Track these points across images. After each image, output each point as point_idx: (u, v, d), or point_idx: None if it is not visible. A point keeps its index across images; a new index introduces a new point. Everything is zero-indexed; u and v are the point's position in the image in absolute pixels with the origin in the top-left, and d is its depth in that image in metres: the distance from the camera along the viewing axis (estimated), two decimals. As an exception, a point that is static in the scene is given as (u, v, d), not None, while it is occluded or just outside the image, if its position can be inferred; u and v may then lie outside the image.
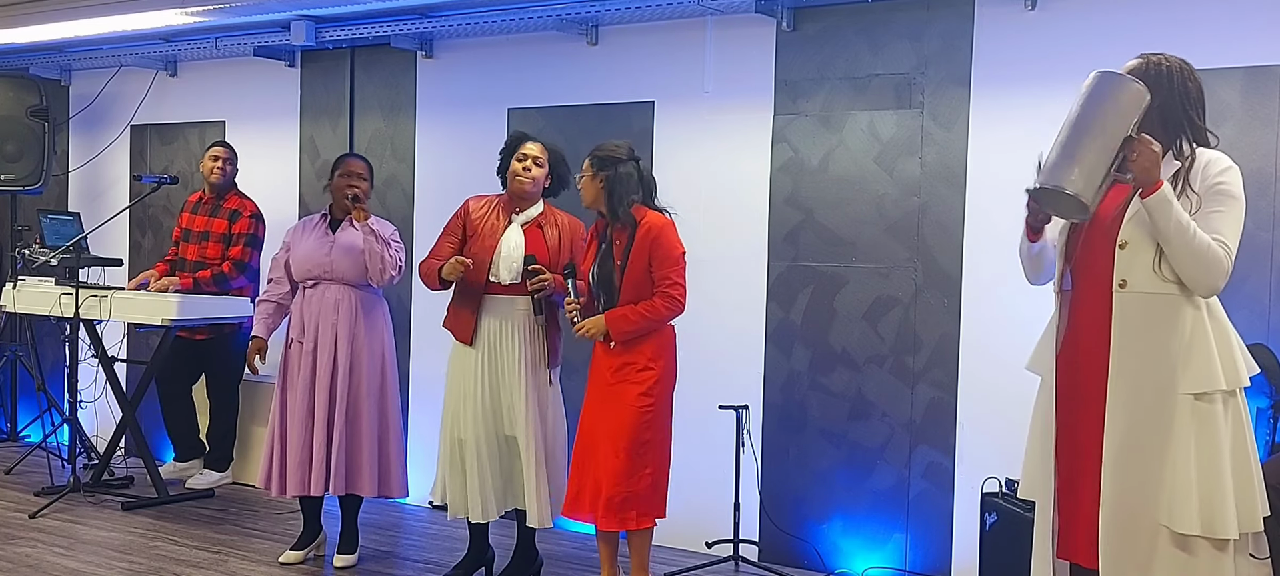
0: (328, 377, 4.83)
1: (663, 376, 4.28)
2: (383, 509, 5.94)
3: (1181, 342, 2.99)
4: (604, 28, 5.69)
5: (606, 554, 4.40)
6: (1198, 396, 2.98)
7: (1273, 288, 4.29)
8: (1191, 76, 3.10)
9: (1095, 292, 3.10)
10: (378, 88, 6.43)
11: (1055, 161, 2.93)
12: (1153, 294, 3.01)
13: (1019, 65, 4.72)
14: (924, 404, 4.92)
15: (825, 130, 5.13)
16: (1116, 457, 3.03)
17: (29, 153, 7.08)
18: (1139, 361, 3.02)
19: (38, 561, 4.95)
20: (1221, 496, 2.97)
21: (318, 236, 4.93)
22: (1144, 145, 2.92)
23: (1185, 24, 4.41)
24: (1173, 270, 2.98)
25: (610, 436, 4.23)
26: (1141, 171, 2.92)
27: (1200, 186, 3.01)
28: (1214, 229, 2.97)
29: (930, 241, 4.89)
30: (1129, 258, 3.03)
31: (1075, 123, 2.94)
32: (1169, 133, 3.06)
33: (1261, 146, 4.29)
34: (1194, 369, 2.98)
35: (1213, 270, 2.95)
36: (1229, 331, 3.06)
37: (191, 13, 5.93)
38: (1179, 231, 2.92)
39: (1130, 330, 3.03)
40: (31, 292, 6.23)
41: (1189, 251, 2.93)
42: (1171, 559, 2.99)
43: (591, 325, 4.26)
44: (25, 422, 7.62)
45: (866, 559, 5.03)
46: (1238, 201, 3.02)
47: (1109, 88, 2.95)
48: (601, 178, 4.26)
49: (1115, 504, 3.03)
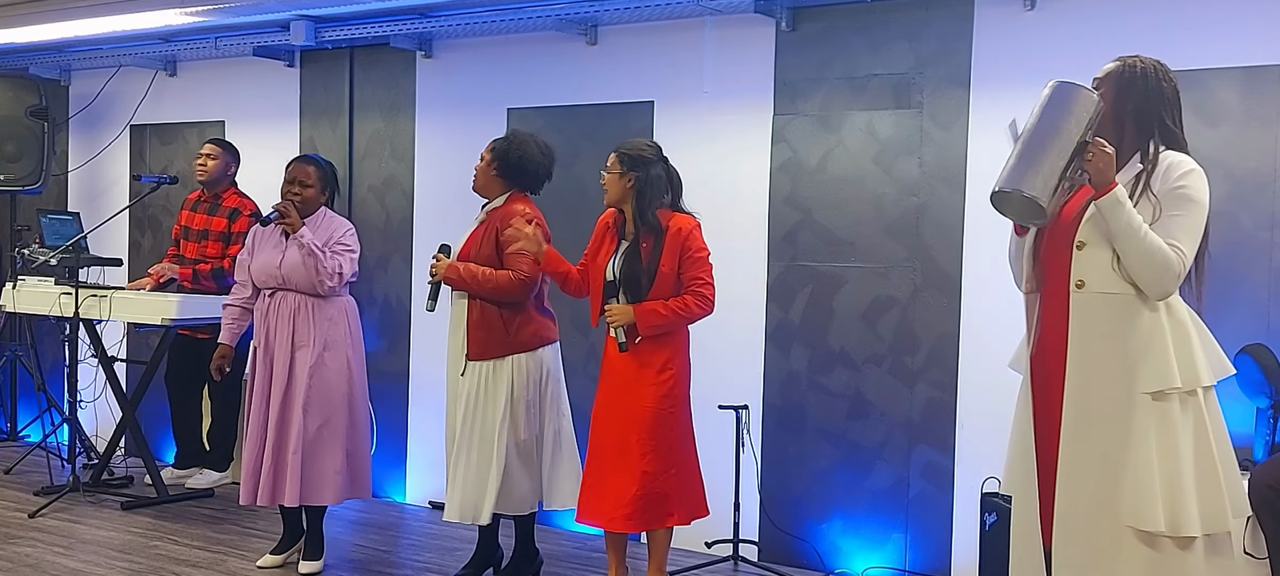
0: (283, 387, 4.77)
1: (680, 376, 4.29)
2: (383, 509, 5.95)
3: (1139, 342, 3.02)
4: (603, 28, 5.69)
5: (615, 555, 4.40)
6: (1155, 395, 3.00)
7: (1273, 287, 4.29)
8: (1166, 78, 3.13)
9: (1059, 293, 3.14)
10: (377, 88, 6.44)
11: (1013, 167, 3.00)
12: (1110, 294, 3.05)
13: (1018, 65, 4.72)
14: (923, 403, 4.92)
15: (824, 130, 5.13)
16: (1071, 457, 3.07)
17: (29, 153, 7.08)
18: (1096, 360, 3.06)
19: (37, 561, 4.96)
20: (1183, 495, 2.98)
21: (272, 245, 4.85)
22: (1098, 148, 2.98)
23: (1185, 24, 4.41)
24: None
25: (631, 437, 4.21)
26: (1097, 173, 2.98)
27: (1161, 189, 3.03)
28: (1170, 233, 3.00)
29: (929, 241, 4.90)
30: (1086, 258, 3.07)
31: (1033, 130, 3.02)
32: (1141, 134, 3.11)
33: (1260, 146, 4.29)
34: (1150, 368, 3.01)
35: (1163, 273, 2.98)
36: (1189, 331, 3.07)
37: (191, 13, 5.93)
38: (1129, 233, 2.96)
39: (1087, 330, 3.08)
40: (31, 292, 6.23)
41: (1139, 253, 2.97)
42: (1137, 558, 3.01)
43: (619, 314, 4.22)
44: (25, 422, 7.62)
45: (866, 558, 5.03)
46: (1198, 205, 3.04)
47: (1065, 96, 3.03)
48: (631, 178, 4.25)
49: (1070, 503, 3.07)
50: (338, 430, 4.81)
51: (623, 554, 4.40)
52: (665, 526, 4.28)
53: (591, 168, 5.04)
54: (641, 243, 4.24)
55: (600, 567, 4.91)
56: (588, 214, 4.46)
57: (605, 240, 4.37)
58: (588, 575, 4.99)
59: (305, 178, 4.83)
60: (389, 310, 6.38)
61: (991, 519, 4.40)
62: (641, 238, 4.25)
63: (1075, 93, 3.02)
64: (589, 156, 5.44)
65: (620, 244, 4.31)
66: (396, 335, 6.36)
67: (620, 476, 4.22)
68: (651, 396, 4.22)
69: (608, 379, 4.34)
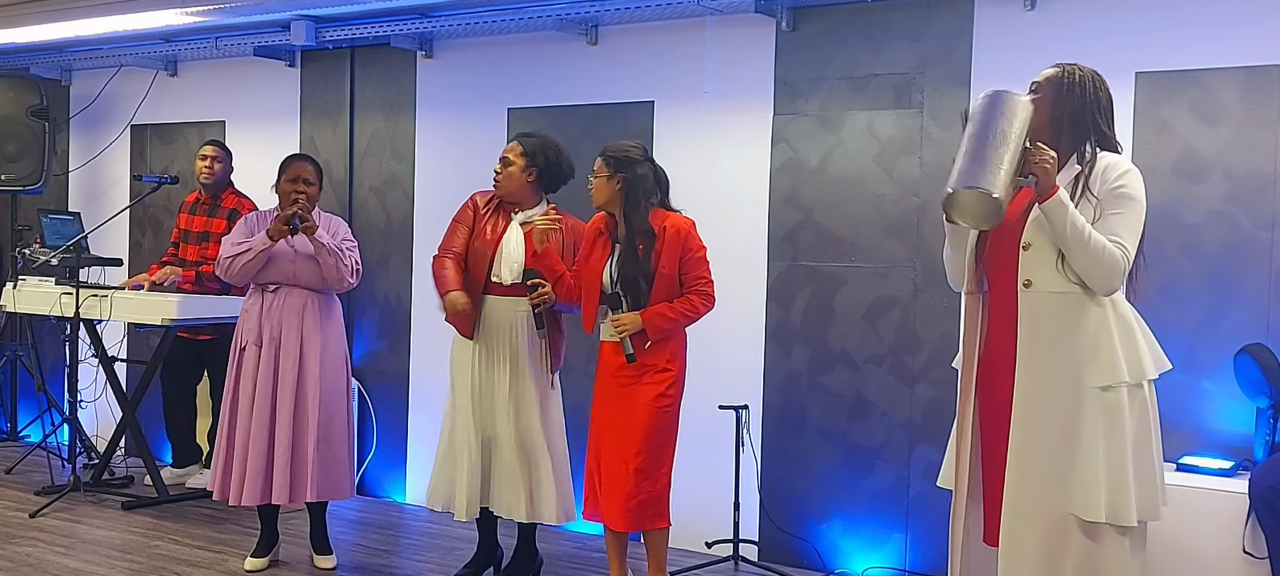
0: (292, 384, 4.73)
1: (678, 377, 4.29)
2: (383, 509, 5.95)
3: (1087, 339, 3.12)
4: (604, 28, 5.69)
5: (616, 554, 4.40)
6: (1104, 389, 3.10)
7: (1272, 287, 4.29)
8: (1102, 87, 3.27)
9: (1004, 293, 3.24)
10: (378, 88, 6.44)
11: (968, 168, 3.06)
12: (1057, 293, 3.15)
13: (1018, 65, 4.70)
14: (923, 403, 4.92)
15: (824, 130, 5.13)
16: (1021, 450, 3.16)
17: (29, 153, 7.08)
18: (1044, 358, 3.15)
19: (38, 561, 4.96)
20: (1125, 486, 3.09)
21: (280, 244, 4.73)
22: (1042, 153, 3.09)
23: (1185, 24, 4.41)
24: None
25: (631, 437, 4.21)
26: (1043, 175, 3.08)
27: (1100, 189, 3.14)
28: (1112, 230, 3.10)
29: (929, 241, 4.89)
30: (1033, 258, 3.17)
31: (978, 134, 3.09)
32: (1076, 138, 3.22)
33: (1261, 146, 4.29)
34: (1099, 363, 3.11)
35: (1109, 270, 3.08)
36: (1133, 327, 3.18)
37: (191, 13, 5.93)
38: (1074, 233, 3.06)
39: (1036, 328, 3.17)
40: (31, 292, 6.23)
41: (1085, 253, 3.06)
42: (1079, 546, 3.12)
43: (629, 321, 4.20)
44: (25, 422, 7.62)
45: (866, 558, 5.03)
46: (1136, 203, 3.14)
47: (1006, 102, 3.12)
48: (619, 179, 4.24)
49: (1018, 494, 3.16)
50: (345, 425, 4.86)
51: (623, 553, 4.40)
52: (659, 527, 4.28)
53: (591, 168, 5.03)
54: (635, 244, 4.23)
55: (600, 568, 4.91)
56: (588, 214, 4.46)
57: (596, 247, 4.34)
58: (588, 575, 4.99)
59: (308, 176, 4.79)
60: (389, 310, 6.38)
61: (992, 519, 4.40)
62: (635, 239, 4.24)
63: (1016, 99, 3.13)
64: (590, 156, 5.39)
65: (614, 249, 4.30)
66: (397, 335, 6.36)
67: (618, 475, 4.23)
68: (650, 394, 4.22)
69: (606, 378, 4.34)
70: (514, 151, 4.59)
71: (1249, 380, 4.10)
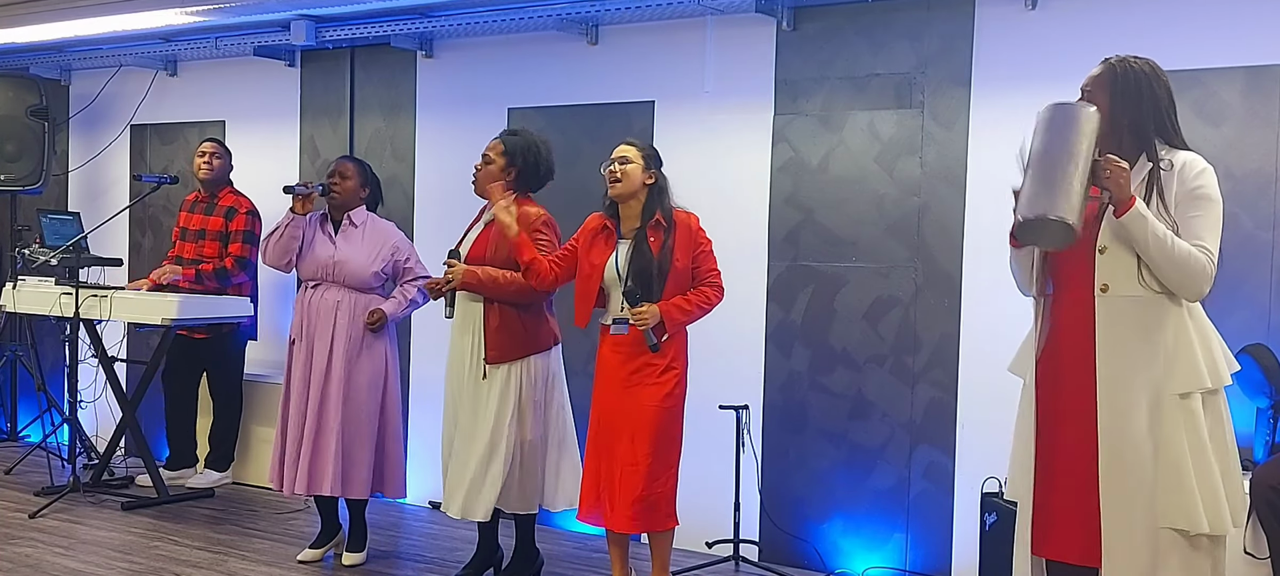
0: (321, 379, 4.86)
1: (682, 376, 4.28)
2: (383, 509, 5.94)
3: (1166, 344, 3.04)
4: (604, 27, 5.69)
5: (618, 554, 4.39)
6: (1183, 396, 3.03)
7: (1273, 287, 4.29)
8: (1161, 78, 3.12)
9: (1075, 297, 3.13)
10: (378, 87, 6.43)
11: (1036, 193, 2.94)
12: (1135, 297, 3.05)
13: (1019, 65, 4.72)
14: (924, 404, 4.92)
15: (825, 130, 5.13)
16: (1111, 461, 3.06)
17: (29, 152, 7.08)
18: (1125, 364, 3.06)
19: (38, 561, 4.95)
20: (1216, 494, 3.02)
21: (321, 239, 4.95)
22: (1114, 165, 2.97)
23: (1185, 24, 4.41)
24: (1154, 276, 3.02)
25: (635, 438, 4.20)
26: (1117, 189, 2.97)
27: (1178, 190, 3.04)
28: (1194, 234, 3.01)
29: (930, 241, 4.89)
30: (1109, 262, 3.07)
31: (1044, 154, 2.97)
32: (1140, 139, 3.09)
33: (1261, 146, 4.29)
34: (1180, 369, 3.03)
35: (1197, 277, 3.00)
36: (1209, 331, 3.11)
37: (191, 12, 5.93)
38: (1157, 244, 2.97)
39: (1114, 333, 3.07)
40: (31, 292, 6.22)
41: (1170, 262, 2.98)
42: (1181, 558, 3.04)
43: (650, 314, 4.17)
44: (25, 422, 7.62)
45: (866, 559, 5.03)
46: (1215, 203, 3.06)
47: (1068, 115, 2.99)
48: (652, 175, 4.28)
49: (1115, 506, 3.05)
50: (373, 423, 4.91)
51: (625, 553, 4.39)
52: (666, 528, 4.28)
53: (592, 167, 5.02)
54: (649, 238, 4.23)
55: (601, 568, 4.91)
56: (588, 213, 4.45)
57: (597, 242, 4.33)
58: (589, 575, 4.99)
59: (345, 171, 4.99)
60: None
61: (992, 519, 4.40)
62: (649, 233, 4.24)
63: (1078, 110, 3.00)
64: (589, 156, 5.43)
65: (618, 244, 4.30)
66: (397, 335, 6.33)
67: (624, 476, 4.21)
68: (655, 394, 4.21)
69: (607, 377, 4.32)
70: (495, 150, 4.62)
71: (1249, 380, 4.10)
